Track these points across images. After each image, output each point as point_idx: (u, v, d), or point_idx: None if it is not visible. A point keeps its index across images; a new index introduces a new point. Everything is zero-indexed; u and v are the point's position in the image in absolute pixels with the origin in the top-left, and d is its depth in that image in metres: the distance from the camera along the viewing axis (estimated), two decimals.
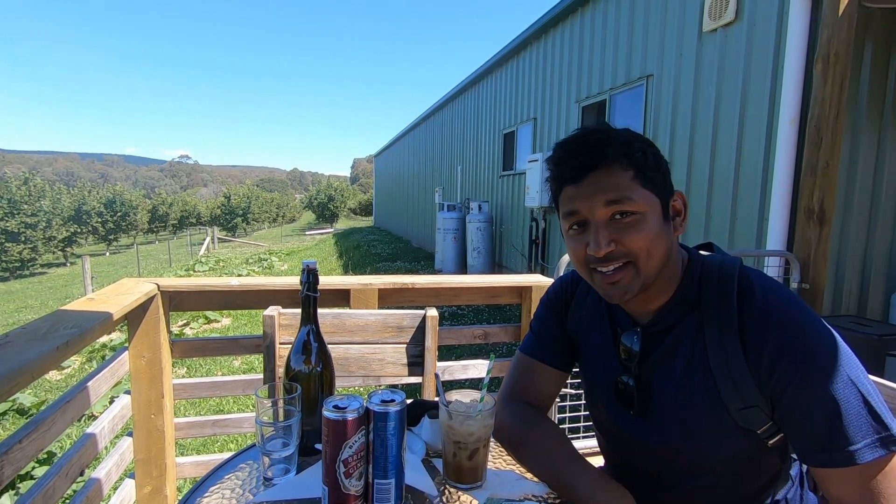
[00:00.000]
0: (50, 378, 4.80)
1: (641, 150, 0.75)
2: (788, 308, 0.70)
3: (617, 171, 0.73)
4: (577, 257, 0.78)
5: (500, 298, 2.04)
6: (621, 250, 0.73)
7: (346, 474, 0.69)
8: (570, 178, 0.76)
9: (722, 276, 0.76)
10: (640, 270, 0.74)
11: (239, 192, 44.04)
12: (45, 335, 1.07)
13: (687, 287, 0.78)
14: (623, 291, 0.75)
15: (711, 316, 0.75)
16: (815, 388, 0.65)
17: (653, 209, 0.74)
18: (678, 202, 0.79)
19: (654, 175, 0.75)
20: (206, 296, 1.73)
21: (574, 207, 0.76)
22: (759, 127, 3.68)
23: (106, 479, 1.41)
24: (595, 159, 0.73)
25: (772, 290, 0.72)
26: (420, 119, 16.22)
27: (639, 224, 0.73)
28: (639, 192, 0.73)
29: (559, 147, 0.78)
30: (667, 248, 0.76)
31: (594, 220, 0.74)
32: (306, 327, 0.88)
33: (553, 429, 0.87)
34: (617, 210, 0.73)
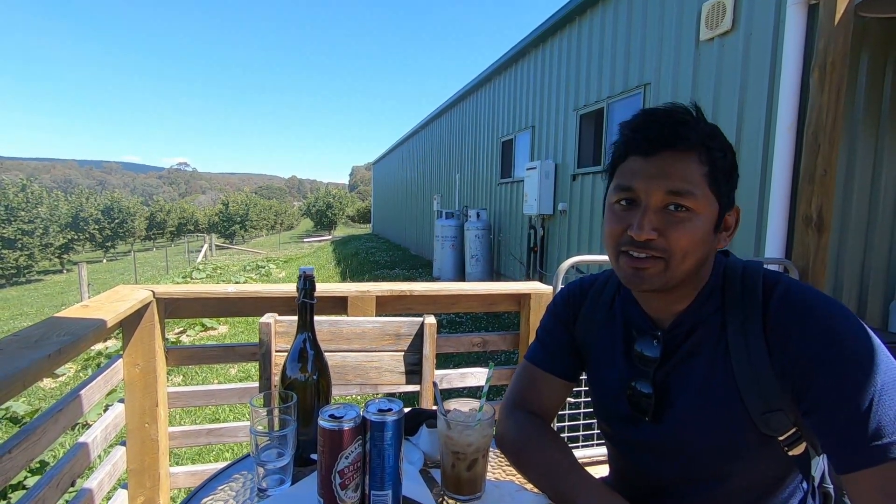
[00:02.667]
0: (44, 386, 4.75)
1: (722, 150, 0.71)
2: (814, 300, 0.67)
3: (692, 160, 0.69)
4: (613, 234, 0.74)
5: (498, 306, 2.03)
6: (661, 243, 0.69)
7: (341, 486, 0.67)
8: (642, 148, 0.71)
9: (746, 276, 0.75)
10: (669, 268, 0.71)
11: (237, 199, 44.05)
12: (38, 342, 1.05)
13: (710, 289, 0.76)
14: (644, 281, 0.72)
15: (735, 315, 0.72)
16: (844, 378, 0.62)
17: (709, 213, 0.70)
18: (732, 217, 0.76)
19: (724, 181, 0.72)
20: (202, 303, 1.71)
21: (631, 184, 0.71)
22: (757, 135, 3.69)
23: (98, 490, 1.38)
24: (674, 138, 0.69)
25: (797, 285, 0.70)
26: (419, 126, 16.28)
27: (688, 222, 0.69)
28: (703, 191, 0.69)
29: (641, 113, 0.73)
30: (704, 256, 0.73)
31: (647, 202, 0.70)
32: (303, 335, 0.87)
33: (556, 440, 0.85)
34: (674, 201, 0.69)
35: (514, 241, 8.62)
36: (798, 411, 0.68)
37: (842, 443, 0.62)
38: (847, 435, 0.61)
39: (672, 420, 0.77)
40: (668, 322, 0.79)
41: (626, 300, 0.85)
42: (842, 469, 0.63)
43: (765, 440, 0.71)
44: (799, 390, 0.66)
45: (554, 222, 7.13)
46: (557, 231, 7.03)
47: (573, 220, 6.61)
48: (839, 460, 0.63)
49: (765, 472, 0.75)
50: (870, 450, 0.59)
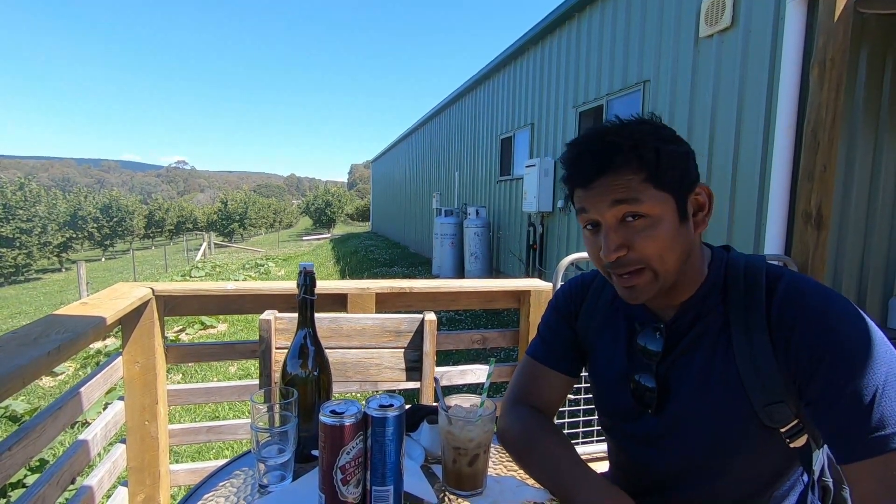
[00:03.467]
0: (43, 385, 4.75)
1: (654, 150, 0.70)
2: (817, 293, 0.68)
3: (626, 174, 0.70)
4: (594, 259, 0.78)
5: (498, 303, 2.03)
6: (633, 256, 0.71)
7: (343, 481, 0.67)
8: (580, 181, 0.74)
9: (748, 270, 0.75)
10: (658, 274, 0.72)
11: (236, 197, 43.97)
12: (37, 340, 1.04)
13: (713, 282, 0.77)
14: (639, 294, 0.74)
15: (738, 308, 0.73)
16: (846, 370, 0.62)
17: (666, 211, 0.71)
18: (701, 195, 0.75)
19: (670, 173, 0.71)
20: (201, 300, 1.71)
21: (585, 208, 0.74)
22: (756, 132, 3.69)
23: (98, 488, 1.38)
24: (603, 166, 0.71)
25: (801, 280, 0.71)
26: (417, 124, 16.26)
27: (650, 229, 0.70)
28: (649, 194, 0.70)
29: (569, 148, 0.76)
30: (684, 250, 0.73)
31: (604, 222, 0.72)
32: (303, 331, 0.87)
33: (558, 435, 0.85)
34: (627, 211, 0.70)
35: (514, 238, 8.62)
36: (800, 403, 0.68)
37: (844, 433, 0.62)
38: (849, 426, 0.62)
39: (674, 413, 0.77)
40: (670, 315, 0.79)
41: None
42: (843, 459, 0.63)
43: (766, 432, 0.72)
44: (802, 382, 0.66)
45: (553, 220, 7.13)
46: (557, 228, 7.03)
47: (573, 218, 6.61)
48: (841, 451, 0.63)
49: (766, 464, 0.75)
50: (872, 440, 0.60)
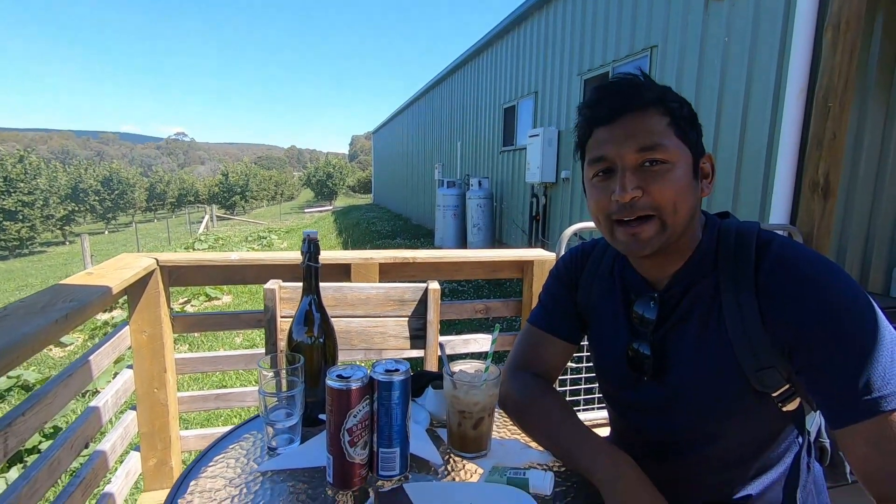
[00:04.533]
0: (53, 356, 4.84)
1: (678, 102, 0.73)
2: (806, 259, 0.68)
3: (652, 115, 0.70)
4: (600, 207, 0.76)
5: (501, 273, 2.03)
6: (647, 200, 0.70)
7: (350, 443, 0.69)
8: (602, 118, 0.73)
9: (740, 236, 0.75)
10: (666, 224, 0.71)
11: (237, 169, 43.69)
12: (44, 309, 1.05)
13: (704, 249, 0.76)
14: (644, 244, 0.73)
15: (728, 274, 0.73)
16: (834, 336, 0.62)
17: (684, 161, 0.72)
18: (707, 164, 0.77)
19: (689, 129, 0.73)
20: (206, 271, 1.71)
21: (602, 153, 0.73)
22: (766, 98, 3.61)
23: (111, 452, 1.42)
24: (631, 100, 0.71)
25: (790, 245, 0.70)
26: (419, 94, 15.97)
27: (668, 174, 0.70)
28: (672, 141, 0.71)
29: (594, 90, 0.75)
30: (693, 205, 0.73)
31: (622, 164, 0.71)
32: (308, 298, 0.87)
33: (559, 399, 0.87)
34: (648, 157, 0.70)
35: (517, 209, 8.58)
36: (791, 369, 0.69)
37: (834, 399, 0.63)
38: (838, 391, 0.62)
39: (670, 379, 0.78)
40: (663, 283, 0.80)
41: (624, 264, 0.86)
42: (835, 424, 0.64)
43: (759, 397, 0.73)
44: (791, 349, 0.67)
45: (556, 190, 7.07)
46: (560, 199, 6.98)
47: (576, 188, 6.56)
48: (832, 416, 0.64)
49: (760, 427, 0.76)
50: (861, 404, 0.60)
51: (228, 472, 0.75)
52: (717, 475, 0.79)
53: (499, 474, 0.73)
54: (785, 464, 0.78)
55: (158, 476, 1.64)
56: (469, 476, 0.76)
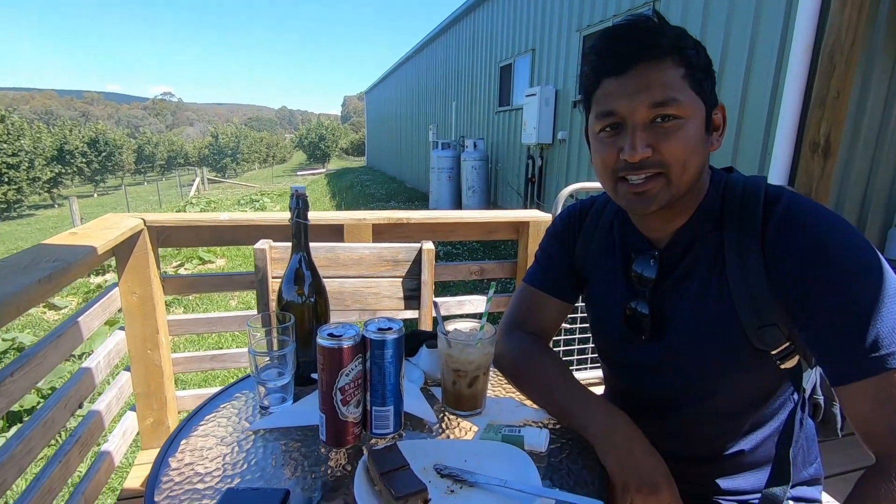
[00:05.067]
0: (48, 319, 4.84)
1: (695, 48, 0.67)
2: (816, 214, 0.65)
3: (668, 66, 0.65)
4: (606, 163, 0.72)
5: (496, 234, 2.01)
6: (657, 158, 0.67)
7: (343, 402, 0.68)
8: (613, 68, 0.67)
9: (747, 191, 0.72)
10: (672, 182, 0.68)
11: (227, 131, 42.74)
12: (27, 268, 1.02)
13: (709, 205, 0.74)
14: (649, 203, 0.70)
15: (734, 230, 0.70)
16: (842, 292, 0.61)
17: (696, 116, 0.67)
18: (719, 116, 0.72)
19: (704, 79, 0.68)
20: (195, 231, 1.67)
21: (612, 107, 0.68)
22: (770, 56, 3.51)
23: (106, 412, 1.42)
24: (645, 49, 0.65)
25: (800, 201, 0.68)
26: (413, 52, 15.47)
27: (680, 131, 0.66)
28: (686, 94, 0.66)
29: (603, 34, 0.69)
30: (702, 163, 0.70)
31: (633, 121, 0.67)
32: (297, 255, 0.84)
33: (553, 358, 0.86)
34: (660, 113, 0.65)
35: (512, 171, 8.48)
36: (793, 326, 0.67)
37: (839, 355, 0.62)
38: (844, 347, 0.61)
39: (669, 338, 0.77)
40: (664, 241, 0.77)
41: (624, 221, 0.83)
42: (838, 381, 0.63)
43: (758, 354, 0.72)
44: (795, 305, 0.65)
45: (553, 152, 6.97)
46: (556, 161, 6.89)
47: (573, 150, 6.46)
48: (836, 373, 0.63)
49: (757, 384, 0.76)
50: (867, 361, 0.59)
51: (220, 430, 0.74)
52: (712, 431, 0.80)
53: (494, 432, 0.73)
54: (779, 419, 0.79)
55: (156, 434, 1.65)
56: (464, 434, 0.76)
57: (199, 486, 0.62)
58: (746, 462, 0.80)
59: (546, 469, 0.68)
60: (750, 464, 0.81)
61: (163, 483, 0.62)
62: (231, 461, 0.67)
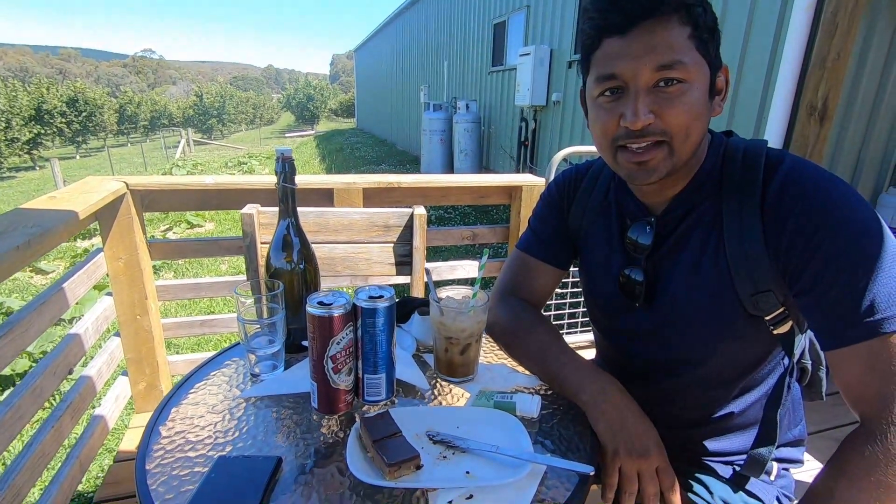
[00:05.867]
0: (35, 283, 4.78)
1: (702, 4, 0.63)
2: (817, 177, 0.64)
3: (674, 25, 0.61)
4: (605, 130, 0.69)
5: (489, 199, 1.98)
6: (659, 125, 0.64)
7: (334, 370, 0.67)
8: (616, 25, 0.63)
9: (747, 156, 0.70)
10: (674, 151, 0.66)
11: (211, 90, 41.37)
12: (3, 234, 0.99)
13: (708, 170, 0.72)
14: (650, 173, 0.68)
15: (733, 195, 0.69)
16: (841, 255, 0.60)
17: (701, 80, 0.64)
18: (722, 78, 0.69)
19: (710, 39, 0.65)
20: (180, 195, 1.63)
21: (614, 70, 0.64)
22: (771, 14, 3.41)
23: (97, 377, 1.42)
24: (651, 5, 0.61)
25: (803, 163, 0.66)
26: (403, 7, 14.88)
27: (684, 95, 0.63)
28: (692, 56, 0.62)
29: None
30: (704, 129, 0.68)
31: (635, 85, 0.63)
32: (285, 221, 0.82)
33: (545, 324, 0.86)
34: (664, 76, 0.63)
35: (505, 134, 8.34)
36: (788, 292, 0.67)
37: (834, 319, 0.61)
38: (840, 311, 0.60)
39: (662, 305, 0.77)
40: (661, 208, 0.76)
41: (620, 187, 0.82)
42: (831, 345, 0.62)
43: (752, 320, 0.72)
44: (794, 270, 0.64)
45: (547, 114, 6.84)
46: (550, 123, 6.78)
47: (567, 112, 6.35)
48: (830, 337, 0.62)
49: (749, 350, 0.76)
50: (862, 325, 0.59)
51: (210, 398, 0.73)
52: (704, 396, 0.81)
53: (486, 398, 0.73)
54: (769, 384, 0.80)
55: (149, 398, 1.66)
56: (456, 400, 0.76)
57: (190, 455, 0.62)
58: (735, 425, 0.82)
59: (538, 435, 0.69)
60: (738, 426, 0.82)
61: (154, 451, 0.62)
62: (222, 429, 0.66)
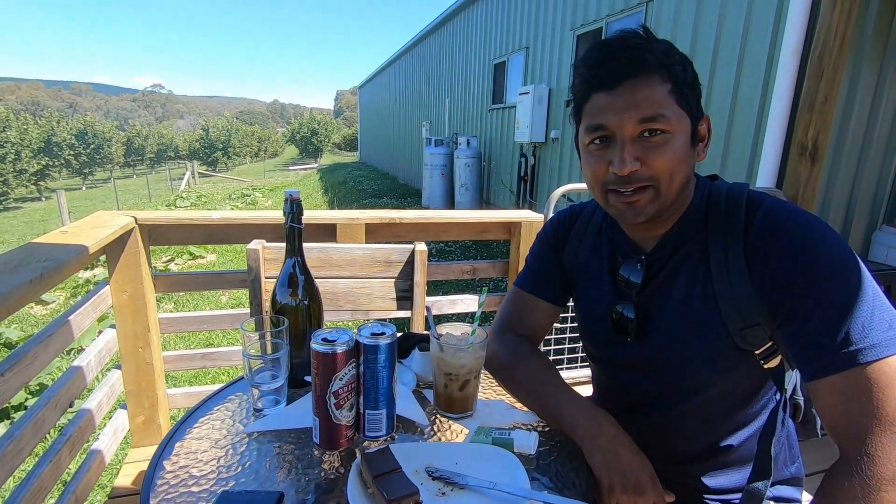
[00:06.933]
0: (35, 314, 4.78)
1: (682, 64, 0.70)
2: (795, 215, 0.68)
3: (655, 82, 0.68)
4: (595, 175, 0.75)
5: (489, 234, 2.02)
6: (645, 172, 0.70)
7: (336, 406, 0.69)
8: (603, 82, 0.70)
9: (730, 196, 0.75)
10: (661, 194, 0.71)
11: (218, 124, 42.28)
12: (17, 268, 1.02)
13: (694, 211, 0.77)
14: (638, 213, 0.73)
15: (718, 235, 0.73)
16: (817, 290, 0.63)
17: (683, 130, 0.70)
18: (704, 127, 0.76)
19: (690, 94, 0.71)
20: (187, 230, 1.67)
21: (601, 121, 0.71)
22: (760, 59, 3.55)
23: (97, 410, 1.41)
24: (634, 66, 0.68)
25: (780, 205, 0.71)
26: (407, 47, 15.40)
27: (667, 144, 0.69)
28: (673, 110, 0.69)
29: (594, 48, 0.72)
30: (688, 173, 0.73)
31: (621, 136, 0.70)
32: (291, 259, 0.85)
33: (543, 360, 0.88)
34: (648, 128, 0.69)
35: (505, 169, 8.49)
36: (774, 324, 0.70)
37: (811, 351, 0.64)
38: (817, 342, 0.63)
39: (654, 339, 0.80)
40: (651, 245, 0.80)
41: (612, 227, 0.86)
42: (810, 376, 0.65)
43: (742, 354, 0.74)
44: (775, 304, 0.68)
45: (546, 150, 6.99)
46: (549, 159, 6.91)
47: (566, 149, 6.49)
48: (808, 368, 0.65)
49: (741, 383, 0.78)
50: (838, 356, 0.62)
51: (214, 433, 0.75)
52: (698, 429, 0.82)
53: (484, 434, 0.74)
54: (761, 419, 0.81)
55: (147, 433, 1.65)
56: (455, 436, 0.78)
57: (193, 489, 0.63)
58: (730, 460, 0.83)
59: (535, 471, 0.70)
60: (733, 462, 0.83)
61: (158, 486, 0.63)
62: (225, 464, 0.68)
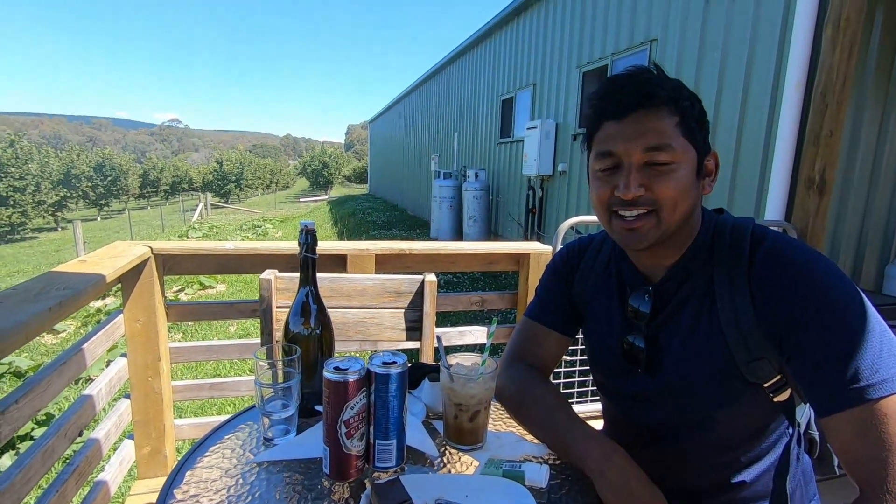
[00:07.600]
0: (45, 342, 4.81)
1: (690, 100, 0.74)
2: (798, 251, 0.69)
3: (663, 114, 0.71)
4: (601, 199, 0.77)
5: (497, 265, 2.03)
6: (649, 197, 0.72)
7: (347, 435, 0.69)
8: (613, 112, 0.73)
9: (735, 231, 0.76)
10: (662, 220, 0.73)
11: (231, 157, 43.33)
12: (37, 296, 1.04)
13: (700, 243, 0.78)
14: (640, 239, 0.74)
15: (722, 268, 0.74)
16: (823, 326, 0.64)
17: (688, 161, 0.73)
18: (711, 163, 0.78)
19: (697, 128, 0.74)
20: (200, 259, 1.70)
21: (610, 148, 0.74)
22: (764, 94, 3.61)
23: (105, 440, 1.41)
24: (643, 98, 0.71)
25: (783, 240, 0.72)
26: (416, 84, 15.85)
27: (672, 173, 0.71)
28: (679, 142, 0.72)
29: (607, 81, 0.76)
30: (692, 204, 0.75)
31: (628, 162, 0.72)
32: (305, 289, 0.87)
33: (553, 391, 0.87)
34: (653, 157, 0.71)
35: (513, 202, 8.57)
36: (781, 359, 0.70)
37: (821, 387, 0.64)
38: (827, 379, 0.63)
39: (664, 371, 0.79)
40: (658, 276, 0.81)
41: (620, 258, 0.87)
42: (822, 413, 0.65)
43: (751, 387, 0.74)
44: (781, 339, 0.68)
45: (553, 183, 7.07)
46: (556, 192, 6.98)
47: (573, 182, 6.55)
48: (819, 404, 0.65)
49: (751, 417, 0.77)
50: (848, 392, 0.61)
51: (224, 462, 0.75)
52: (709, 462, 0.81)
53: (494, 467, 0.74)
54: (775, 453, 0.79)
55: (153, 464, 1.64)
56: (465, 468, 0.77)
57: None
58: (744, 496, 0.81)
59: None
60: (748, 498, 0.81)
61: None
62: (236, 493, 0.67)
